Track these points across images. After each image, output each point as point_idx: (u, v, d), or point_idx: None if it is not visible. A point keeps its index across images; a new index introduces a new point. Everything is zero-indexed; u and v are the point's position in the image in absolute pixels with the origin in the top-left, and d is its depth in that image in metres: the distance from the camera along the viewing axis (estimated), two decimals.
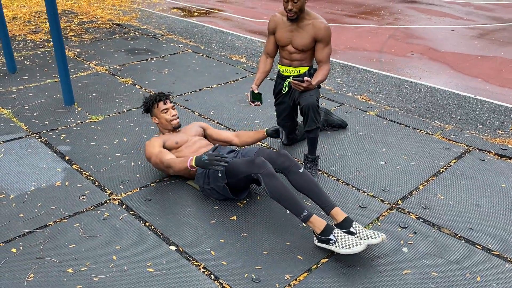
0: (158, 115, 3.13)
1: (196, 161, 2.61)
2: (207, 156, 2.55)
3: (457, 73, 5.66)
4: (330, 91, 4.83)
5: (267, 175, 2.51)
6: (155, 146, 2.99)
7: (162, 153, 2.93)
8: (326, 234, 2.40)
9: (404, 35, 7.36)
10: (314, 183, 2.60)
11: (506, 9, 9.55)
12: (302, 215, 2.44)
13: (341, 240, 2.36)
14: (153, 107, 3.14)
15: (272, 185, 2.49)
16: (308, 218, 2.43)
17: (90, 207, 2.84)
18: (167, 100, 3.14)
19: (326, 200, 2.55)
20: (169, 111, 3.12)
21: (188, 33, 7.28)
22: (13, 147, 3.55)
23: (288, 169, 2.66)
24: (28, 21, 7.59)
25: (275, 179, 2.50)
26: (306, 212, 2.44)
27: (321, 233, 2.41)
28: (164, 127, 3.16)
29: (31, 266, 2.35)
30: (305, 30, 3.17)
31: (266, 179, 2.50)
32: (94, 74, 5.17)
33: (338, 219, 2.50)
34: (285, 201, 2.47)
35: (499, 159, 3.50)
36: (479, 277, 2.34)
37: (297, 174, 2.63)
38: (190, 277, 2.30)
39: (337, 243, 2.36)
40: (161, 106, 3.11)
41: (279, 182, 2.50)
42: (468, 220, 2.78)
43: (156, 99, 3.13)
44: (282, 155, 2.71)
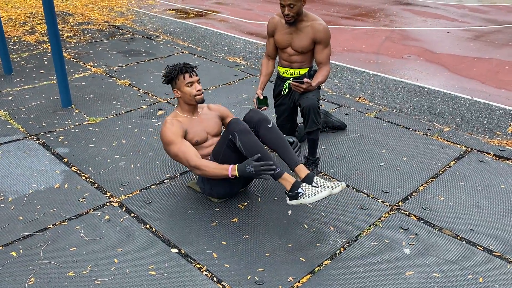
0: (182, 88, 2.81)
1: (240, 171, 2.52)
2: (253, 167, 2.47)
3: (453, 75, 5.69)
4: (328, 93, 4.84)
5: (241, 131, 2.55)
6: (177, 133, 2.73)
7: (187, 149, 2.69)
8: (295, 189, 2.45)
9: (400, 37, 7.39)
10: (282, 139, 2.65)
11: (500, 11, 9.62)
12: (275, 171, 2.48)
13: (307, 191, 2.41)
14: (177, 79, 2.81)
15: (246, 141, 2.52)
16: (280, 175, 2.48)
17: (90, 209, 2.81)
18: (193, 72, 2.84)
19: (292, 157, 2.61)
20: (195, 85, 2.82)
21: (184, 35, 7.27)
22: (10, 149, 3.52)
23: (259, 123, 2.70)
24: (23, 22, 7.54)
25: (249, 135, 2.54)
26: (279, 169, 2.49)
27: (291, 189, 2.46)
28: (186, 101, 2.85)
29: (31, 270, 2.32)
30: (304, 32, 3.16)
31: (241, 136, 2.54)
32: (91, 75, 5.14)
33: (301, 175, 2.56)
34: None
35: (498, 160, 3.52)
36: (481, 278, 2.34)
37: (267, 129, 2.68)
38: (193, 279, 2.29)
39: (304, 195, 2.40)
40: (187, 79, 2.79)
41: (253, 139, 2.54)
42: (468, 221, 2.79)
43: (182, 70, 2.80)
44: (252, 110, 2.77)
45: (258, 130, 2.73)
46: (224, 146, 2.65)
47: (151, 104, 4.39)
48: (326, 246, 2.54)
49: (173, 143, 2.72)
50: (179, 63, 2.85)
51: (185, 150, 2.69)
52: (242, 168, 2.51)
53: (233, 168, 2.54)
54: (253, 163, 2.48)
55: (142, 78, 5.08)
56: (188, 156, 2.67)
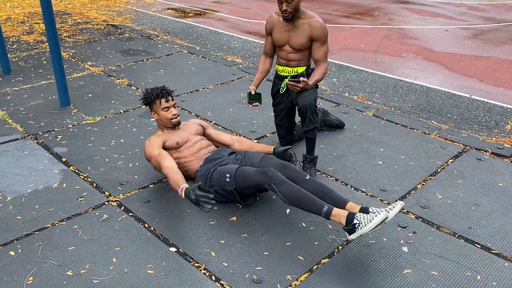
0: (158, 112, 3.02)
1: (185, 194, 2.49)
2: (194, 196, 2.41)
3: (452, 73, 5.70)
4: (326, 91, 4.84)
5: (280, 183, 2.51)
6: (154, 147, 2.91)
7: (161, 157, 2.83)
8: (350, 221, 2.34)
9: (399, 36, 7.40)
10: (322, 185, 2.61)
11: (498, 9, 9.63)
12: (324, 210, 2.41)
13: (363, 220, 2.32)
14: (154, 103, 3.01)
15: (287, 191, 2.49)
16: (330, 211, 2.40)
17: (89, 209, 2.82)
18: (170, 97, 3.02)
19: (338, 198, 2.55)
20: (170, 109, 3.01)
21: (183, 34, 7.27)
22: (9, 149, 3.52)
23: (295, 179, 2.64)
24: (22, 22, 7.53)
25: (289, 184, 2.51)
26: (327, 207, 2.41)
27: (346, 222, 2.35)
28: (163, 124, 3.06)
29: (30, 269, 2.33)
30: (301, 29, 3.17)
31: (281, 187, 2.50)
32: (89, 75, 5.14)
33: (355, 211, 2.48)
34: (303, 202, 2.45)
35: (496, 158, 3.52)
36: (479, 276, 2.35)
37: (304, 181, 2.63)
38: (191, 278, 2.29)
39: (361, 224, 2.31)
40: (163, 104, 2.99)
41: (293, 186, 2.50)
42: (466, 219, 2.80)
43: (158, 96, 2.99)
44: (287, 166, 2.71)
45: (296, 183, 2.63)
46: (252, 184, 2.62)
47: None
48: (324, 245, 2.55)
49: (152, 157, 2.90)
50: (157, 88, 3.02)
51: (160, 160, 2.82)
52: (187, 192, 2.47)
53: (182, 189, 2.52)
54: (195, 192, 2.42)
55: (140, 78, 5.08)
56: (161, 165, 2.79)
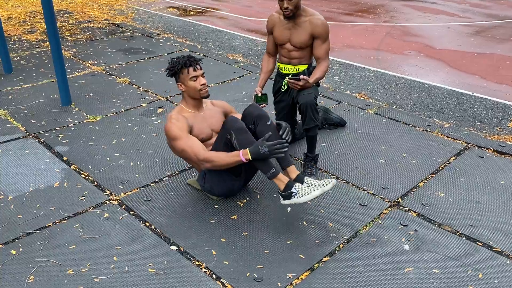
0: (186, 83, 2.75)
1: (253, 154, 2.47)
2: (267, 147, 2.45)
3: (454, 71, 5.67)
4: (328, 89, 4.82)
5: (237, 130, 2.56)
6: (183, 129, 2.67)
7: (194, 143, 2.64)
8: (288, 189, 2.47)
9: (401, 33, 7.37)
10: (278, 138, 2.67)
11: (501, 6, 9.58)
12: (270, 172, 2.51)
13: (301, 191, 2.44)
14: (181, 73, 2.75)
15: (242, 140, 2.54)
16: (275, 175, 2.51)
17: (90, 207, 2.82)
18: (198, 65, 2.77)
19: (285, 157, 2.64)
20: (199, 79, 2.75)
21: (184, 32, 7.26)
22: (10, 148, 3.52)
23: (258, 117, 2.73)
24: (24, 21, 7.54)
25: (246, 134, 2.56)
26: (274, 170, 2.51)
27: (284, 189, 2.48)
28: (191, 96, 2.80)
29: (31, 268, 2.33)
30: (302, 27, 3.16)
31: (238, 134, 2.55)
32: (91, 74, 5.14)
33: (292, 176, 2.61)
34: None
35: (498, 156, 3.51)
36: (481, 274, 2.34)
37: (264, 125, 2.71)
38: (192, 277, 2.29)
39: (297, 194, 2.43)
40: (191, 73, 2.73)
41: (249, 138, 2.55)
42: (468, 217, 2.78)
43: (186, 64, 2.74)
44: (251, 105, 2.80)
45: (256, 125, 2.75)
46: (221, 144, 2.65)
47: (150, 102, 4.39)
48: (325, 243, 2.54)
49: (179, 138, 2.67)
50: (183, 56, 2.77)
51: (192, 144, 2.64)
52: (255, 150, 2.48)
53: (245, 152, 2.50)
54: (266, 143, 2.48)
55: (142, 76, 5.07)
56: (196, 150, 2.62)
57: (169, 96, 4.54)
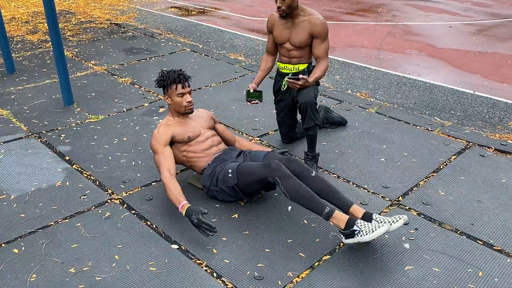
0: (173, 97, 2.86)
1: (186, 214, 2.50)
2: (196, 220, 2.44)
3: (455, 69, 5.67)
4: (329, 89, 4.83)
5: (284, 177, 2.49)
6: (161, 142, 2.79)
7: (164, 161, 2.74)
8: (350, 227, 2.35)
9: (402, 32, 7.37)
10: (328, 185, 2.59)
11: (503, 5, 9.56)
12: (325, 211, 2.41)
13: (365, 228, 2.32)
14: (169, 87, 2.85)
15: (291, 186, 2.47)
16: (331, 214, 2.40)
17: (91, 206, 2.84)
18: (186, 83, 2.85)
19: (343, 199, 2.54)
20: (186, 96, 2.84)
21: (186, 32, 7.28)
22: (13, 147, 3.54)
23: (300, 174, 2.62)
24: (26, 22, 7.57)
25: (293, 180, 2.49)
26: (328, 209, 2.41)
27: (345, 227, 2.37)
28: (176, 110, 2.91)
29: (33, 267, 2.35)
30: (301, 26, 3.17)
31: (284, 181, 2.49)
32: (93, 74, 5.16)
33: (358, 215, 2.47)
34: (305, 200, 2.45)
35: (499, 154, 3.51)
36: (481, 272, 2.34)
37: (310, 178, 2.61)
38: (193, 275, 2.30)
39: (361, 232, 2.32)
40: (179, 89, 2.83)
41: (297, 183, 2.48)
42: (469, 215, 2.79)
43: (175, 81, 2.82)
44: (293, 161, 2.67)
45: (301, 181, 2.59)
46: (256, 179, 2.61)
47: (152, 102, 4.41)
48: (326, 242, 2.55)
49: (156, 153, 2.80)
50: (174, 71, 2.87)
51: (161, 162, 2.75)
52: (189, 213, 2.49)
53: (184, 206, 2.53)
54: (198, 217, 2.44)
55: (143, 76, 5.09)
56: (161, 169, 2.74)
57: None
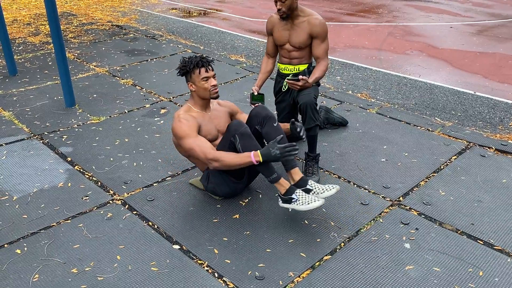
0: (197, 83, 2.75)
1: (264, 156, 2.50)
2: (279, 150, 2.48)
3: (456, 70, 5.67)
4: (330, 89, 4.84)
5: (241, 135, 2.58)
6: (192, 128, 2.68)
7: (203, 142, 2.64)
8: (289, 194, 2.53)
9: (403, 33, 7.37)
10: (284, 140, 2.69)
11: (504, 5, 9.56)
12: (272, 176, 2.56)
13: (301, 199, 2.49)
14: (192, 73, 2.75)
15: (246, 144, 2.57)
16: (277, 180, 2.56)
17: (93, 207, 2.85)
18: (210, 67, 2.77)
19: (290, 159, 2.66)
20: (210, 80, 2.75)
21: (187, 34, 7.30)
22: (15, 149, 3.56)
23: (265, 118, 2.75)
24: (28, 24, 7.60)
25: (250, 138, 2.58)
26: (276, 175, 2.56)
27: (285, 193, 2.54)
28: (200, 96, 2.80)
29: (35, 267, 2.36)
30: (300, 27, 3.19)
31: (241, 139, 2.58)
32: (94, 75, 5.18)
33: (296, 178, 2.65)
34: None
35: (500, 154, 3.51)
36: (481, 272, 2.35)
37: (271, 127, 2.73)
38: (194, 275, 2.32)
39: (297, 201, 2.49)
40: (203, 73, 2.73)
41: (252, 142, 2.58)
42: (469, 215, 2.80)
43: (198, 64, 2.73)
44: (259, 106, 2.81)
45: (262, 126, 2.77)
46: (226, 147, 2.68)
47: (153, 103, 4.43)
48: (326, 242, 2.56)
49: (188, 137, 2.67)
50: (196, 56, 2.78)
51: (201, 143, 2.65)
52: (266, 152, 2.51)
53: (256, 154, 2.53)
54: (277, 146, 2.50)
55: (145, 77, 5.11)
56: (204, 149, 2.62)
57: (172, 97, 4.58)
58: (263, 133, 2.77)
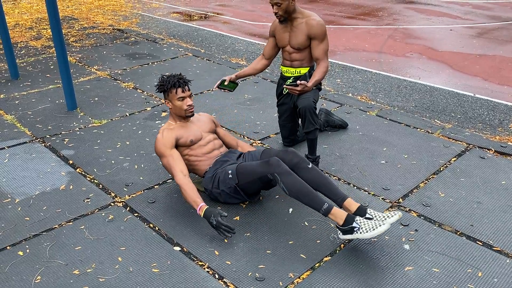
0: (173, 101, 2.88)
1: (205, 216, 2.56)
2: (216, 222, 2.51)
3: (456, 72, 5.69)
4: (330, 92, 4.86)
5: (283, 173, 2.53)
6: (167, 145, 2.81)
7: (174, 160, 2.78)
8: (349, 223, 2.39)
9: (403, 35, 7.40)
10: (324, 177, 2.63)
11: (504, 7, 9.59)
12: (323, 208, 2.45)
13: (364, 226, 2.36)
14: (170, 92, 2.87)
15: (290, 182, 2.51)
16: (329, 210, 2.44)
17: (95, 209, 2.87)
18: (186, 87, 2.88)
19: (337, 192, 2.58)
20: (186, 100, 2.87)
21: (188, 37, 7.33)
22: (17, 152, 3.59)
23: (297, 165, 2.67)
24: (30, 28, 7.65)
25: (292, 176, 2.52)
26: (326, 205, 2.45)
27: (343, 223, 2.40)
28: (177, 114, 2.94)
29: (38, 269, 2.38)
30: (299, 29, 3.23)
31: (283, 177, 2.52)
32: (96, 79, 5.22)
33: (352, 209, 2.52)
34: (304, 196, 2.48)
35: (499, 156, 3.53)
36: (480, 273, 2.36)
37: (306, 169, 2.65)
38: (195, 276, 2.33)
39: (361, 229, 2.36)
40: (179, 93, 2.85)
41: (296, 179, 2.52)
42: (468, 217, 2.81)
43: (175, 85, 2.85)
44: (290, 152, 2.72)
45: (296, 171, 2.66)
46: (256, 177, 2.65)
47: (155, 106, 4.45)
48: (326, 243, 2.58)
49: (163, 156, 2.83)
50: (174, 75, 2.90)
51: (172, 164, 2.77)
52: (208, 215, 2.55)
53: (202, 208, 2.58)
54: (218, 219, 2.51)
55: (146, 81, 5.14)
56: (173, 171, 2.76)
57: None
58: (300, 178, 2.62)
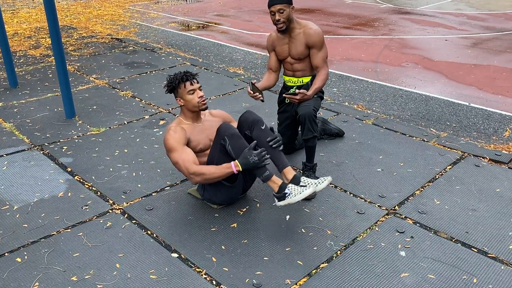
0: (184, 97, 2.85)
1: (243, 164, 2.58)
2: (256, 157, 2.57)
3: (451, 82, 5.76)
4: (327, 101, 4.91)
5: (230, 136, 2.65)
6: (180, 142, 2.76)
7: (187, 156, 2.71)
8: (282, 190, 2.60)
9: (399, 45, 7.48)
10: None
11: (498, 18, 9.71)
12: (264, 174, 2.62)
13: (294, 191, 2.56)
14: (179, 88, 2.85)
15: (236, 145, 2.63)
16: (269, 177, 2.63)
17: (93, 216, 2.89)
18: (194, 80, 2.87)
19: (281, 159, 2.77)
20: (196, 92, 2.85)
21: (186, 47, 7.39)
22: (16, 159, 3.60)
23: (253, 123, 2.82)
24: (28, 37, 7.69)
25: (239, 139, 2.65)
26: (267, 172, 2.63)
27: (278, 191, 2.61)
28: (190, 109, 2.89)
29: (36, 275, 2.39)
30: (297, 39, 3.28)
31: (231, 140, 2.64)
32: (94, 87, 5.25)
33: (288, 177, 2.74)
34: None
35: (494, 164, 3.57)
36: (475, 279, 2.39)
37: (260, 130, 2.80)
38: (192, 283, 2.35)
39: (291, 195, 2.57)
40: (188, 87, 2.83)
41: (243, 144, 2.65)
42: (464, 224, 2.84)
43: (183, 79, 2.85)
44: (248, 111, 2.88)
45: (251, 130, 2.84)
46: (217, 151, 2.73)
47: (153, 114, 4.49)
48: (323, 250, 2.60)
49: (174, 150, 2.75)
50: (180, 72, 2.91)
51: (185, 158, 2.72)
52: (244, 161, 2.59)
53: (235, 164, 2.61)
54: (253, 152, 2.58)
55: (144, 89, 5.18)
56: (187, 164, 2.69)
57: (171, 108, 4.64)
58: (253, 137, 2.82)
